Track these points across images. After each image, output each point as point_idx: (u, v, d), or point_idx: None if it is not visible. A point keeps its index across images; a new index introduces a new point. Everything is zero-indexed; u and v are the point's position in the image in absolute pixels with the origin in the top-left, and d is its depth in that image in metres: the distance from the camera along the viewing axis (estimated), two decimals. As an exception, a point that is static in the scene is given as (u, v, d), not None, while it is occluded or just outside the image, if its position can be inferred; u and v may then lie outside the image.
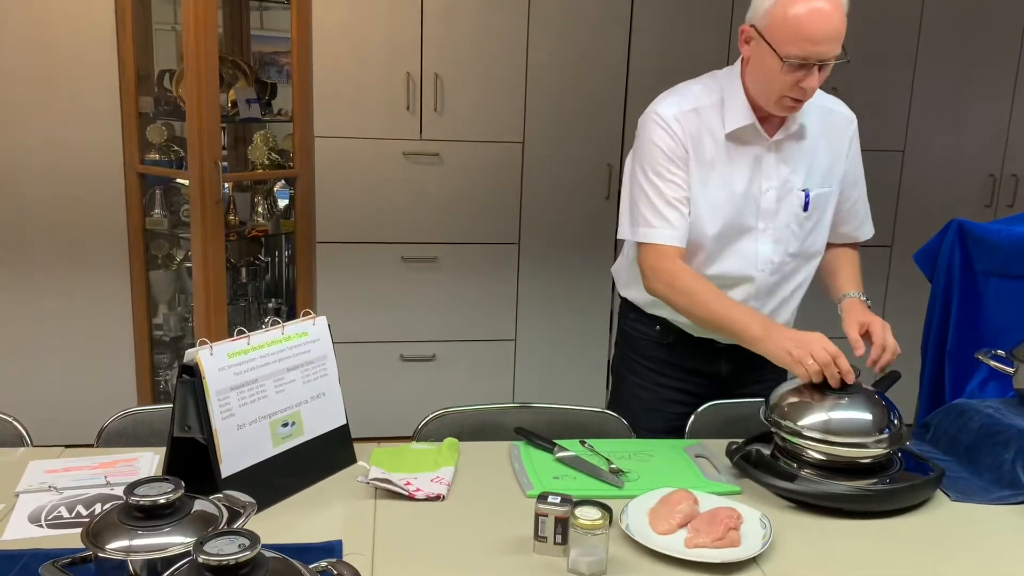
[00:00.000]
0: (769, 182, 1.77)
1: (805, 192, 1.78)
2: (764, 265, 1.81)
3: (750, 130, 1.74)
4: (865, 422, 1.53)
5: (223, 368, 1.41)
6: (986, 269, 2.08)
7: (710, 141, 1.75)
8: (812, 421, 1.53)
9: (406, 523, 1.40)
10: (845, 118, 1.84)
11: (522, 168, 3.44)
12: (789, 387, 1.62)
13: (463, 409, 1.84)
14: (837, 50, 1.61)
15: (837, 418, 1.53)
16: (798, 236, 1.81)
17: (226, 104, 3.17)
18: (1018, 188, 3.76)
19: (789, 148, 1.77)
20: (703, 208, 1.76)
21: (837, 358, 1.54)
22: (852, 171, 1.86)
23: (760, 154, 1.76)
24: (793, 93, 1.65)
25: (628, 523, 1.38)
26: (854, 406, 1.55)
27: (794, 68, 1.61)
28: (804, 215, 1.79)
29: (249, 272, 3.47)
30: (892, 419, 1.54)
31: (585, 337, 3.62)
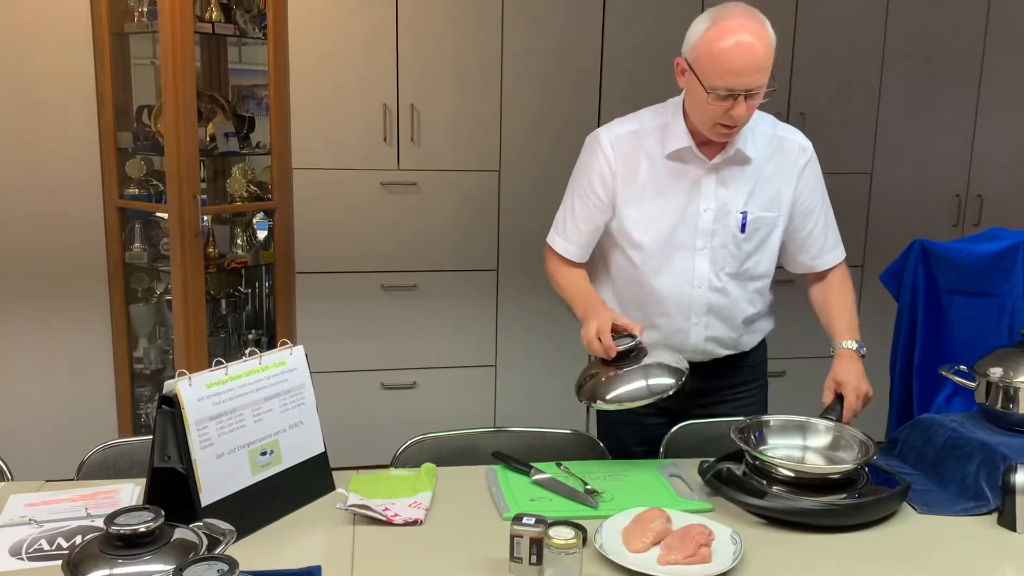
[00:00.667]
0: (707, 203, 1.83)
1: (743, 214, 1.84)
2: (701, 282, 1.87)
3: (687, 153, 1.82)
4: (638, 388, 1.70)
5: (202, 398, 1.44)
6: (949, 287, 2.14)
7: (647, 162, 1.84)
8: (610, 395, 1.72)
9: (385, 548, 1.42)
10: (798, 146, 1.88)
11: (499, 196, 3.49)
12: (590, 365, 1.80)
13: (441, 435, 1.86)
14: (762, 80, 1.67)
15: (622, 390, 1.71)
16: (736, 256, 1.86)
17: (205, 138, 3.20)
18: (983, 207, 3.85)
19: (730, 172, 1.83)
20: (636, 223, 1.86)
21: (602, 336, 1.70)
22: (805, 199, 1.89)
23: (699, 176, 1.83)
24: (723, 120, 1.71)
25: (602, 542, 1.41)
26: (627, 378, 1.71)
27: (721, 99, 1.68)
28: (742, 236, 1.85)
29: (229, 304, 3.49)
30: (666, 384, 1.71)
31: (564, 361, 3.65)
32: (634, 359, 1.72)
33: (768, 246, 1.89)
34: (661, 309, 1.89)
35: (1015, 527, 1.51)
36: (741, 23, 1.65)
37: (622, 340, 1.72)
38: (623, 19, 3.46)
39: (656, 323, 1.90)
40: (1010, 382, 1.72)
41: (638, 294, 1.91)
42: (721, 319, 1.90)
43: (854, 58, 3.65)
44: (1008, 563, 1.43)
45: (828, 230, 1.95)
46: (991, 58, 3.77)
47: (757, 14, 1.68)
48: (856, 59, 3.65)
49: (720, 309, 1.89)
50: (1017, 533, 1.51)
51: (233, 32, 3.20)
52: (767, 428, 1.74)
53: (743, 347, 1.97)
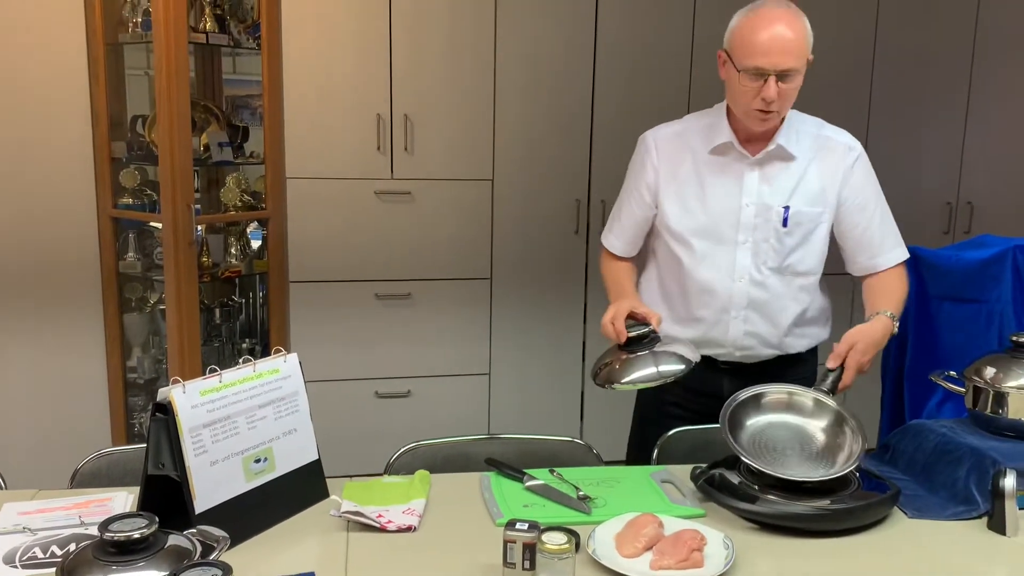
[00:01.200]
0: (748, 197, 1.88)
1: (785, 209, 1.87)
2: (742, 275, 1.90)
3: (730, 148, 1.88)
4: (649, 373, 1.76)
5: (196, 405, 1.44)
6: (939, 294, 2.16)
7: (690, 159, 1.91)
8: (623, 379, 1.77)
9: (378, 555, 1.42)
10: (844, 146, 1.92)
11: (492, 205, 3.51)
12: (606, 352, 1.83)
13: (434, 442, 1.87)
14: (793, 64, 1.74)
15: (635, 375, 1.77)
16: (777, 251, 1.89)
17: (198, 148, 3.21)
18: (973, 215, 3.88)
19: (772, 168, 1.88)
20: (678, 217, 1.92)
21: (614, 321, 1.78)
22: (854, 198, 1.92)
23: (742, 171, 1.89)
24: (756, 104, 1.78)
25: (595, 547, 1.41)
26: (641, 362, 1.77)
27: (752, 79, 1.75)
28: (784, 231, 1.88)
29: (223, 313, 3.49)
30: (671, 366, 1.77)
31: (558, 369, 3.67)
32: (646, 345, 1.78)
33: (813, 242, 1.91)
34: (702, 301, 1.93)
35: (1005, 531, 1.52)
36: (774, 12, 1.75)
37: (636, 327, 1.78)
38: (616, 28, 3.48)
39: (698, 315, 1.94)
40: (999, 387, 1.74)
41: (680, 286, 1.95)
42: (762, 314, 1.92)
43: (843, 66, 3.68)
44: (998, 567, 1.44)
45: (885, 229, 1.96)
46: (980, 65, 3.80)
47: (792, 6, 1.77)
48: (846, 67, 3.68)
49: (761, 304, 1.91)
50: (1007, 537, 1.52)
51: (227, 42, 3.22)
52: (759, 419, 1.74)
53: (788, 348, 1.97)
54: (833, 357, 1.80)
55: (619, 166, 2.06)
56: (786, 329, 1.94)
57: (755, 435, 1.70)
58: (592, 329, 3.66)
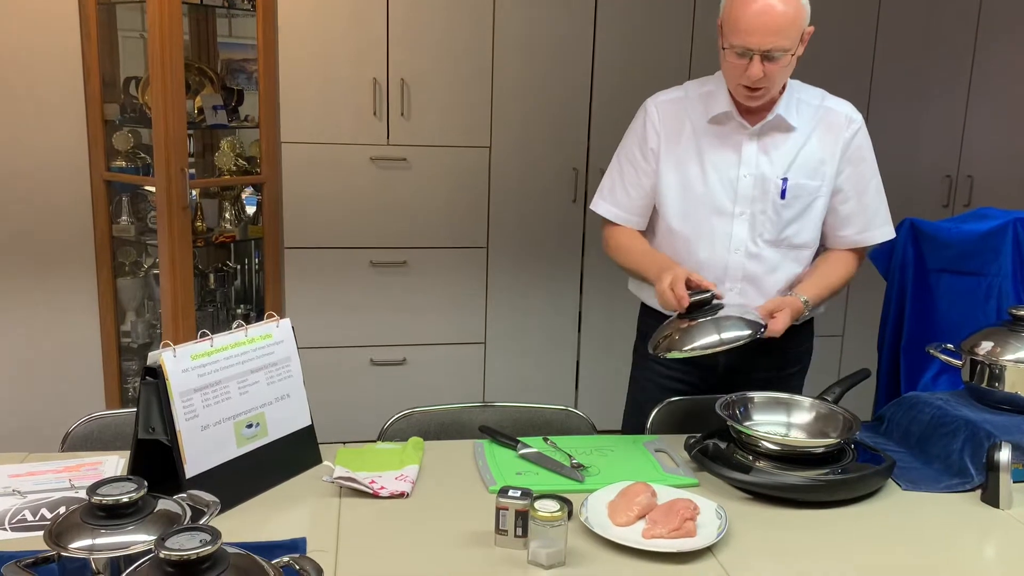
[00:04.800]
0: (747, 168, 1.85)
1: (783, 180, 1.84)
2: (738, 247, 1.87)
3: (729, 118, 1.85)
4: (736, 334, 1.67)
5: (187, 370, 1.43)
6: (937, 266, 2.14)
7: (690, 127, 1.87)
8: (688, 345, 1.67)
9: (370, 520, 1.42)
10: (845, 117, 1.88)
11: (489, 172, 3.48)
12: (665, 323, 1.75)
13: (429, 409, 1.86)
14: (779, 43, 1.69)
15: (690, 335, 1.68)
16: (775, 223, 1.86)
17: (193, 111, 3.17)
18: (973, 188, 3.85)
19: (772, 139, 1.85)
20: (675, 187, 1.88)
21: (674, 287, 1.68)
22: (851, 171, 1.89)
23: (740, 142, 1.85)
24: (743, 81, 1.74)
25: (587, 516, 1.41)
26: (715, 326, 1.67)
27: (737, 56, 1.72)
28: (782, 203, 1.85)
29: (217, 278, 3.47)
30: (759, 327, 1.69)
31: (554, 338, 3.66)
32: (708, 312, 1.69)
33: (810, 215, 1.88)
34: (698, 273, 1.87)
35: (998, 504, 1.52)
36: None
37: (697, 293, 1.69)
38: (616, -6, 3.43)
39: None
40: (996, 360, 1.73)
41: (675, 257, 1.91)
42: (757, 287, 1.90)
43: (846, 37, 3.63)
44: (991, 539, 1.44)
45: (878, 204, 1.93)
46: (984, 38, 3.75)
47: None
48: (848, 38, 3.64)
49: (756, 276, 1.89)
50: (1000, 510, 1.52)
51: (222, 4, 3.16)
52: (752, 404, 1.74)
53: None
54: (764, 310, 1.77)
55: (618, 135, 2.01)
56: None
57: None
58: (588, 298, 3.65)
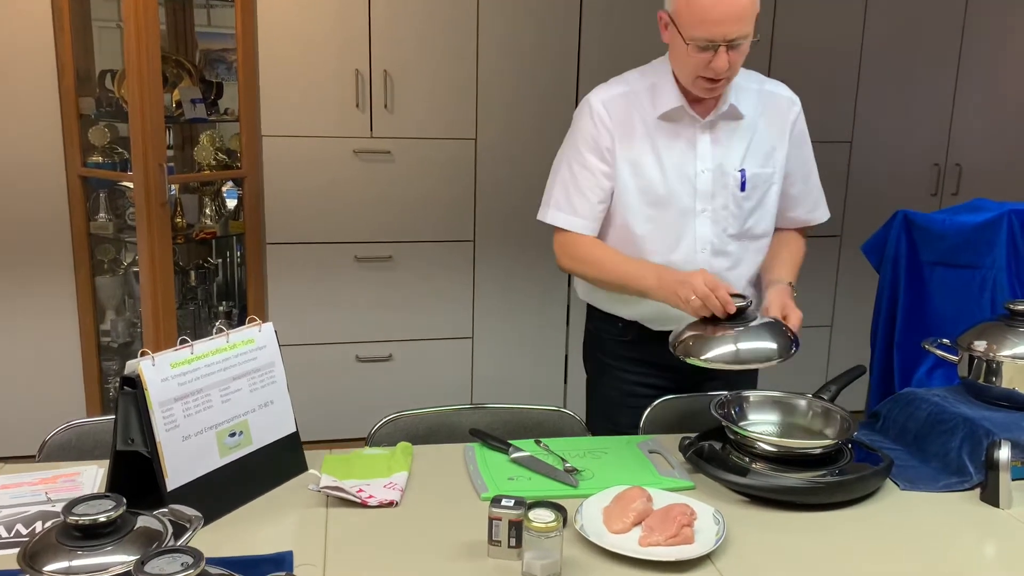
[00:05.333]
0: (704, 163, 1.79)
1: (741, 172, 1.79)
2: (703, 246, 1.82)
3: (680, 112, 1.77)
4: (767, 349, 1.59)
5: (166, 379, 1.38)
6: (931, 259, 2.12)
7: (640, 124, 1.78)
8: (715, 354, 1.58)
9: (359, 531, 1.38)
10: (787, 100, 1.85)
11: (475, 165, 3.43)
12: (686, 324, 1.66)
13: (417, 412, 1.82)
14: (744, 30, 1.62)
15: (743, 347, 1.58)
16: (737, 216, 1.82)
17: (170, 104, 3.10)
18: (962, 177, 3.84)
19: (724, 129, 1.79)
20: (633, 189, 1.79)
21: (716, 290, 1.59)
22: (797, 153, 1.86)
23: (693, 135, 1.78)
24: (705, 73, 1.67)
25: (582, 523, 1.37)
26: (751, 335, 1.59)
27: (701, 50, 1.64)
28: (742, 195, 1.80)
29: (198, 275, 3.41)
30: (792, 343, 1.61)
31: (543, 333, 3.62)
32: (744, 320, 1.60)
33: (767, 204, 1.85)
34: None
35: (998, 503, 1.50)
36: None
37: (736, 299, 1.61)
38: (602, -17, 3.38)
39: None
40: (993, 356, 1.70)
41: None
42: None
43: (835, 26, 3.60)
44: (992, 540, 1.42)
45: (818, 182, 1.93)
46: (971, 27, 3.73)
47: None
48: (837, 27, 3.60)
49: (723, 273, 1.84)
50: (1000, 509, 1.50)
51: (199, -7, 3.09)
52: (747, 403, 1.71)
53: None
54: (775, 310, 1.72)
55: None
56: None
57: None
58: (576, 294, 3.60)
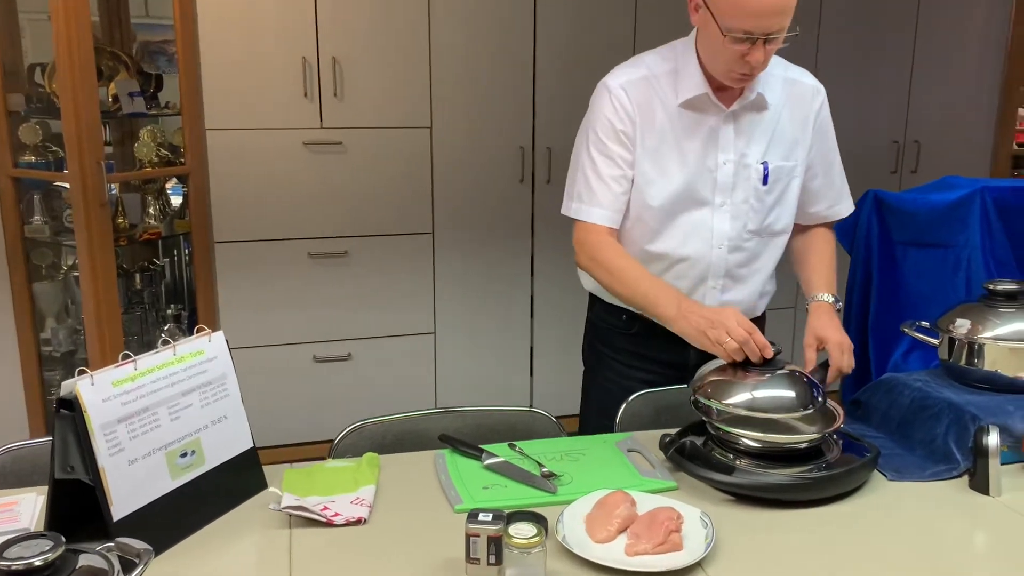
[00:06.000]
0: (726, 155, 1.70)
1: (764, 165, 1.71)
2: (720, 241, 1.74)
3: (704, 100, 1.68)
4: (788, 398, 1.50)
5: (108, 399, 1.26)
6: (903, 239, 2.08)
7: (661, 111, 1.69)
8: (738, 400, 1.49)
9: (326, 553, 1.28)
10: (812, 89, 1.77)
11: (431, 154, 3.32)
12: (712, 367, 1.57)
13: (382, 419, 1.72)
14: (784, 23, 1.54)
15: (760, 396, 1.49)
16: (758, 211, 1.74)
17: (107, 98, 2.95)
18: (920, 154, 3.84)
19: (748, 120, 1.71)
20: (653, 179, 1.70)
21: (753, 333, 1.51)
22: (820, 145, 1.79)
23: (716, 125, 1.70)
24: (739, 67, 1.58)
25: (564, 533, 1.30)
26: (777, 384, 1.51)
27: (738, 41, 1.54)
28: (764, 189, 1.73)
29: (144, 278, 3.26)
30: (815, 395, 1.52)
31: (507, 325, 3.54)
32: (770, 366, 1.52)
33: (788, 199, 1.77)
34: (677, 272, 1.76)
35: (988, 491, 1.46)
36: None
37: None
38: (555, -37, 3.29)
39: None
40: (975, 338, 1.66)
41: (650, 256, 1.75)
42: (738, 280, 1.78)
43: (791, 2, 3.55)
44: (984, 528, 1.38)
45: (843, 175, 1.85)
46: (928, 2, 3.72)
47: None
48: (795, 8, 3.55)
49: (739, 270, 1.77)
50: (990, 497, 1.45)
51: (133, -20, 2.93)
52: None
53: (756, 312, 1.85)
54: (810, 364, 1.67)
55: (565, 110, 1.88)
56: (760, 292, 1.83)
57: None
58: (540, 281, 3.53)
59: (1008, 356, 1.63)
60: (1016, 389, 1.63)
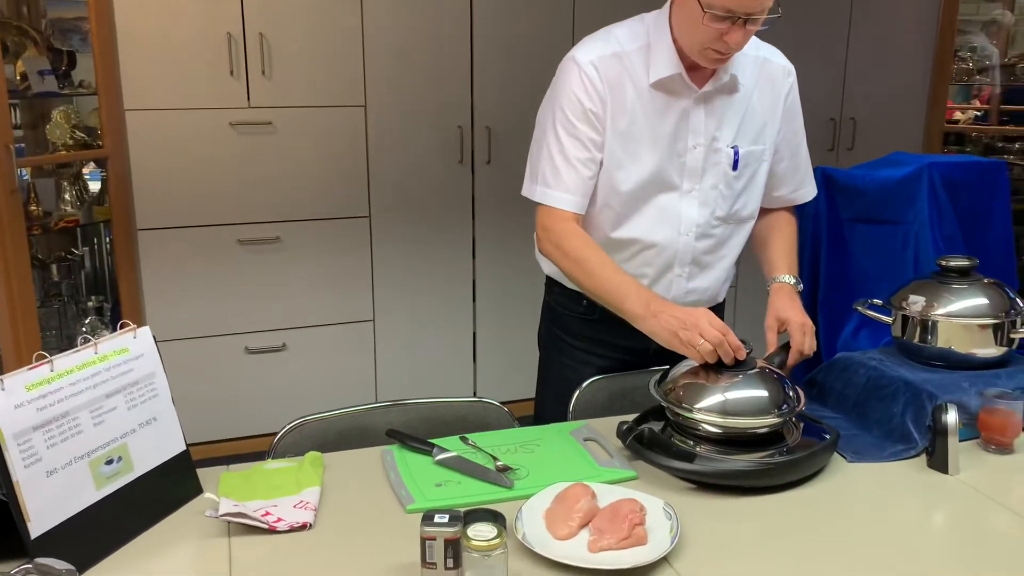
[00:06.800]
0: (696, 138, 1.63)
1: (734, 149, 1.65)
2: (688, 228, 1.68)
3: (677, 80, 1.60)
4: (762, 400, 1.45)
5: (20, 404, 1.14)
6: (851, 216, 2.06)
7: (632, 90, 1.61)
8: (709, 403, 1.44)
9: (269, 562, 1.19)
10: (783, 70, 1.72)
11: (366, 134, 3.20)
12: (682, 369, 1.51)
13: (323, 416, 1.62)
14: (766, 4, 1.47)
15: (733, 398, 1.44)
16: (727, 198, 1.68)
17: (14, 76, 2.75)
18: (856, 131, 3.87)
19: (719, 102, 1.64)
20: (622, 163, 1.63)
21: (726, 335, 1.45)
22: (788, 127, 1.74)
23: (687, 107, 1.62)
24: (716, 46, 1.51)
25: (524, 531, 1.23)
26: (749, 384, 1.46)
27: (718, 20, 1.47)
28: (733, 175, 1.67)
29: (61, 269, 3.07)
30: (788, 392, 1.47)
31: (448, 311, 3.45)
32: (741, 366, 1.47)
33: (756, 184, 1.72)
34: (641, 259, 1.69)
35: (947, 469, 1.44)
36: None
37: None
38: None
39: (635, 275, 1.67)
40: (928, 315, 1.65)
41: (615, 243, 1.68)
42: (704, 268, 1.72)
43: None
44: (944, 507, 1.37)
45: (807, 158, 1.80)
46: (859, -21, 3.75)
47: None
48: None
49: (705, 257, 1.71)
50: (949, 475, 1.44)
51: (40, -50, 2.74)
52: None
53: (718, 298, 1.81)
54: (771, 346, 1.63)
55: (504, 87, 1.79)
56: (724, 279, 1.79)
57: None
58: (481, 264, 3.45)
59: (961, 333, 1.63)
60: (970, 366, 1.62)
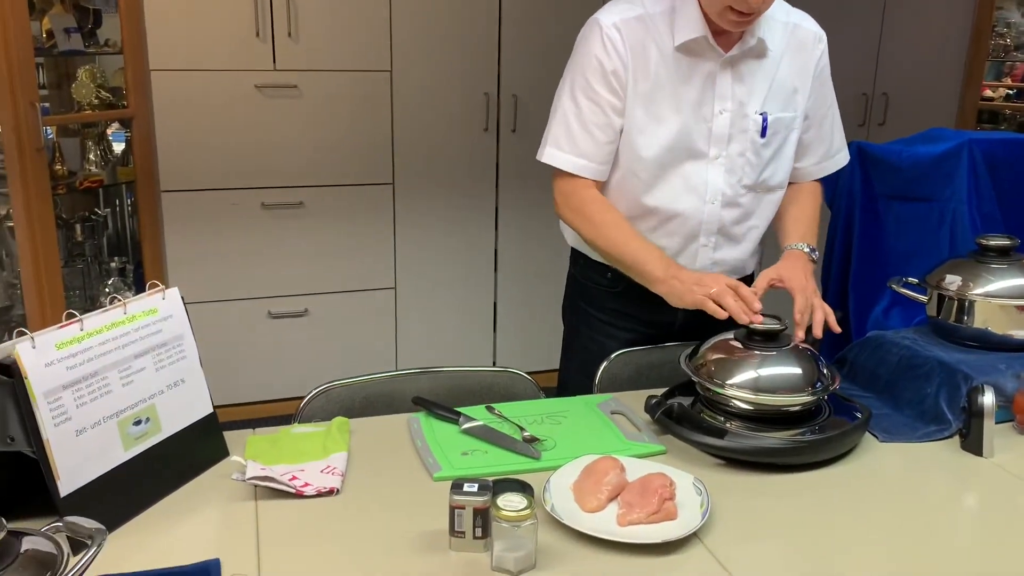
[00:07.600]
0: (723, 103, 1.60)
1: (763, 116, 1.61)
2: (714, 196, 1.65)
3: (702, 43, 1.57)
4: (796, 377, 1.43)
5: (51, 363, 1.14)
6: (887, 192, 2.02)
7: (656, 53, 1.57)
8: (741, 379, 1.42)
9: (296, 527, 1.19)
10: (813, 36, 1.67)
11: (392, 99, 3.17)
12: (713, 344, 1.49)
13: (350, 382, 1.62)
14: None
15: (766, 375, 1.42)
16: (754, 166, 1.65)
17: (40, 34, 2.73)
18: (889, 106, 3.80)
19: (747, 66, 1.60)
20: (644, 127, 1.60)
21: (737, 288, 1.46)
22: (819, 94, 1.69)
23: (714, 71, 1.59)
24: (736, 5, 1.47)
25: (553, 503, 1.22)
26: (782, 361, 1.43)
27: None
28: (761, 142, 1.63)
29: (85, 229, 3.08)
30: (822, 370, 1.45)
31: (470, 279, 3.44)
32: (774, 342, 1.44)
33: (785, 152, 1.68)
34: (667, 229, 1.66)
35: (981, 452, 1.42)
36: None
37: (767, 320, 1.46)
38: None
39: (660, 245, 1.64)
40: (965, 295, 1.62)
41: (638, 212, 1.65)
42: (730, 238, 1.69)
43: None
44: (978, 490, 1.34)
45: (839, 124, 1.75)
46: (897, -51, 3.66)
47: None
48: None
49: (732, 227, 1.67)
50: (984, 458, 1.42)
51: (66, -95, 2.71)
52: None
53: (746, 271, 1.77)
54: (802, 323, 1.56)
55: (532, 54, 1.76)
56: (752, 251, 1.75)
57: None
58: (504, 233, 3.43)
59: (999, 313, 1.59)
60: (1006, 347, 1.59)
